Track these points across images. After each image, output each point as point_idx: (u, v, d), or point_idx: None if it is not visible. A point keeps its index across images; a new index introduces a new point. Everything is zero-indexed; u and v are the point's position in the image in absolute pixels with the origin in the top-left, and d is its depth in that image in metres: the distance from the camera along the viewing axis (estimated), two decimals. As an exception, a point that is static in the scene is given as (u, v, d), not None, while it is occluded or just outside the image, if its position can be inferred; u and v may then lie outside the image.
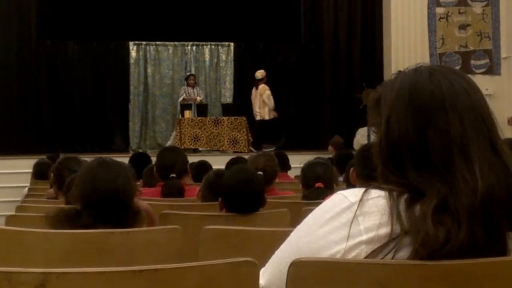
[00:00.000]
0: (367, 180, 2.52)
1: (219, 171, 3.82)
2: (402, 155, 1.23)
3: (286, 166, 6.36)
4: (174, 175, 4.23)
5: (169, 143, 11.92)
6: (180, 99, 12.43)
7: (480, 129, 1.22)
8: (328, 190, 3.79)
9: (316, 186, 3.97)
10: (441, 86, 1.25)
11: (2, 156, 10.57)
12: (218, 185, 3.27)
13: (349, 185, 3.39)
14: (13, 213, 3.44)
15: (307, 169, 4.20)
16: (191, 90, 12.37)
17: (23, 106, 11.91)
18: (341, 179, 4.86)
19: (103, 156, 2.80)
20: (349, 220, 1.20)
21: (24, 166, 8.81)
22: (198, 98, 12.28)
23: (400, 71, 1.33)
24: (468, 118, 1.22)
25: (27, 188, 5.83)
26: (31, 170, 6.79)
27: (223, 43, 13.36)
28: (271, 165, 4.49)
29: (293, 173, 6.92)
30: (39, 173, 6.39)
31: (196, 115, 11.92)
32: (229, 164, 5.64)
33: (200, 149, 11.37)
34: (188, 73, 12.89)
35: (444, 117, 1.21)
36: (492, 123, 1.25)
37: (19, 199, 5.68)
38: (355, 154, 3.36)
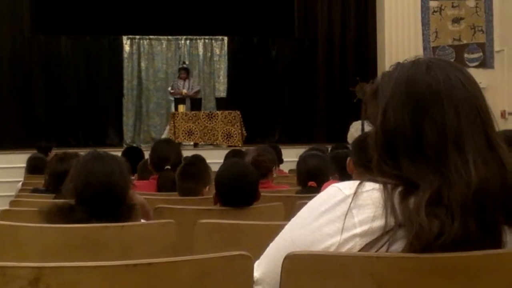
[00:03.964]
0: (365, 168, 2.52)
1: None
2: (397, 145, 1.23)
3: (279, 160, 6.35)
4: (169, 167, 4.23)
5: (163, 137, 11.88)
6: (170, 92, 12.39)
7: (476, 122, 1.22)
8: (320, 188, 3.78)
9: (309, 185, 3.97)
10: (438, 78, 1.25)
11: (-5, 151, 10.53)
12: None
13: (345, 177, 3.38)
14: (7, 207, 3.44)
15: (300, 163, 4.20)
16: (181, 83, 12.27)
17: (17, 100, 11.86)
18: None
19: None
20: (343, 213, 1.20)
21: (18, 160, 8.78)
22: (184, 91, 12.04)
23: (398, 63, 1.33)
24: (464, 111, 1.22)
25: (20, 183, 5.81)
26: (24, 165, 6.77)
27: (217, 37, 13.32)
28: (267, 159, 4.48)
29: (287, 166, 6.94)
30: (32, 168, 6.36)
31: (190, 109, 11.86)
32: (228, 156, 5.65)
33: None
34: (179, 66, 12.74)
35: (440, 110, 1.22)
36: (487, 116, 1.24)
37: (13, 193, 5.67)
38: (352, 144, 3.34)
